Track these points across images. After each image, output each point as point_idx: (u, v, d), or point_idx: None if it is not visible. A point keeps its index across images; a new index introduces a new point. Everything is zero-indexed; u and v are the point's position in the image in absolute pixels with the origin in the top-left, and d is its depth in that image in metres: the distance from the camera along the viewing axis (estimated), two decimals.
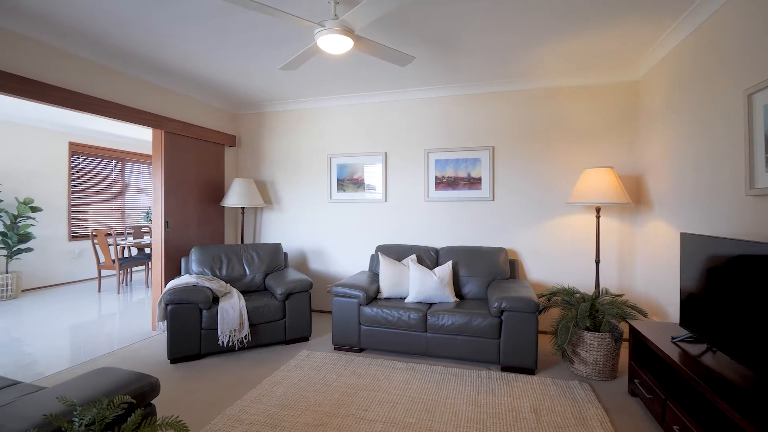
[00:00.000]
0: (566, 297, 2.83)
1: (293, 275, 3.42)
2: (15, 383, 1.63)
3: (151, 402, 1.44)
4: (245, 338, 2.99)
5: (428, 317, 2.86)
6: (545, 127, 3.53)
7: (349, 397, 2.32)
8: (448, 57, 3.01)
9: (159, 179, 3.62)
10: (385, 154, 4.02)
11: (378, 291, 3.24)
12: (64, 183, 5.86)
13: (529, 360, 2.63)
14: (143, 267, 6.95)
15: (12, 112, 4.89)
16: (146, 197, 7.32)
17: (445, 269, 3.19)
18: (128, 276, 6.03)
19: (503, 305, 2.66)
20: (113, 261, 5.24)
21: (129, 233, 6.67)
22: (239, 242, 4.56)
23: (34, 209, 5.06)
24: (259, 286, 3.58)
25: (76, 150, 6.06)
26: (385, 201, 4.03)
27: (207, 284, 3.07)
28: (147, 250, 6.13)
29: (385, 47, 2.27)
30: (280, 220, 4.43)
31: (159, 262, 3.61)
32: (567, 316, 2.64)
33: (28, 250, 5.01)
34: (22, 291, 5.27)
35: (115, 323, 3.90)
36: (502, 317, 2.69)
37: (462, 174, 3.77)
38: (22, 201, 5.07)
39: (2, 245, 5.02)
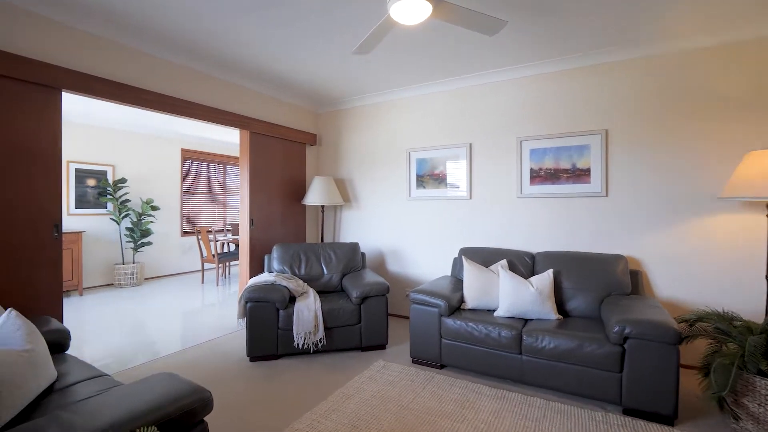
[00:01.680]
0: (721, 325, 2.10)
1: (370, 277, 3.22)
2: (98, 375, 1.67)
3: (203, 419, 1.32)
4: (320, 341, 2.88)
5: (524, 337, 2.39)
6: (680, 102, 2.73)
7: (427, 426, 2.00)
8: (546, 21, 2.48)
9: (245, 178, 3.74)
10: (470, 145, 3.59)
11: (462, 300, 2.85)
12: (177, 185, 6.62)
13: (665, 404, 2.00)
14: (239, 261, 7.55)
15: (137, 123, 5.65)
16: None
17: (544, 279, 2.65)
18: (227, 270, 6.57)
19: (627, 330, 2.07)
20: (213, 256, 5.71)
21: (228, 230, 7.29)
22: (319, 241, 4.56)
23: (154, 208, 5.77)
24: (336, 287, 3.47)
25: (187, 155, 6.80)
26: (470, 198, 3.60)
27: (284, 283, 3.04)
28: None
29: (470, 11, 1.88)
30: (357, 219, 4.31)
31: (245, 258, 3.73)
32: (725, 352, 1.94)
33: (149, 244, 5.73)
34: (144, 279, 6.08)
35: (209, 314, 4.18)
36: (626, 345, 2.10)
37: (564, 165, 3.15)
38: (144, 201, 5.82)
39: (129, 239, 5.84)
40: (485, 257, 3.13)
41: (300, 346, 2.83)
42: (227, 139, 6.81)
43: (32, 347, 1.46)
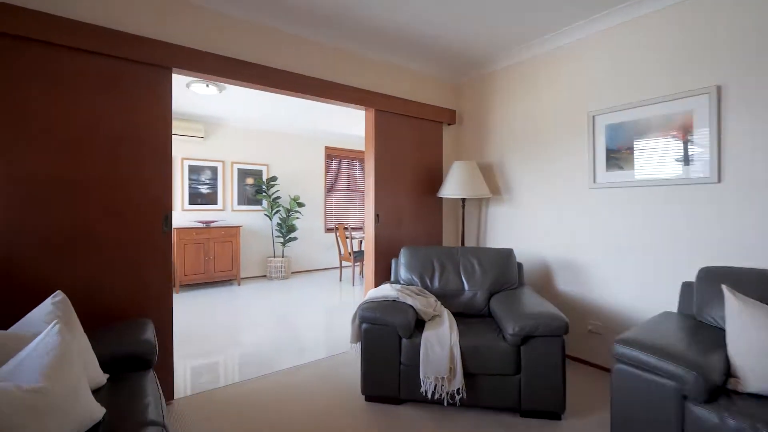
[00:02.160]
0: None
1: (532, 301, 2.15)
2: (149, 424, 1.20)
3: None
4: (457, 393, 1.99)
5: None
6: None
7: None
8: None
9: (370, 165, 3.15)
10: (717, 89, 2.09)
11: (727, 371, 1.50)
12: (321, 182, 6.73)
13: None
14: None
15: (287, 124, 5.89)
16: None
17: None
18: (363, 268, 6.33)
19: None
20: (349, 254, 5.48)
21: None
22: (459, 244, 3.66)
23: (300, 204, 5.92)
24: (481, 309, 2.51)
25: (330, 153, 6.87)
26: (717, 182, 2.10)
27: (409, 301, 2.26)
28: None
29: None
30: (509, 216, 3.21)
31: (370, 260, 3.15)
32: None
33: (294, 239, 5.91)
34: (292, 273, 6.35)
35: (338, 318, 3.79)
36: None
37: None
38: (292, 198, 6.04)
39: (279, 234, 6.15)
40: (764, 287, 1.66)
41: (429, 395, 2.00)
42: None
43: (46, 385, 1.06)
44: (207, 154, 5.56)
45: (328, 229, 6.83)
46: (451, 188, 3.15)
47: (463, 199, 3.40)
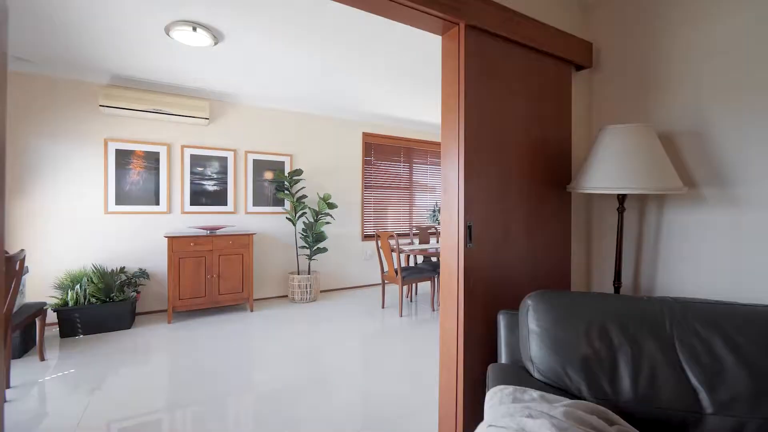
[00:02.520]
0: None
1: None
2: None
3: None
4: None
5: None
6: None
7: None
8: None
9: (452, 140, 1.70)
10: None
11: None
12: (358, 177, 5.36)
13: None
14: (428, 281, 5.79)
15: (315, 103, 4.58)
16: (432, 195, 6.21)
17: None
18: (414, 290, 4.88)
19: None
20: (396, 272, 4.06)
21: (415, 233, 5.65)
22: (612, 279, 2.11)
23: (331, 206, 4.59)
24: None
25: (368, 140, 5.48)
26: None
27: None
28: (434, 259, 4.79)
29: None
30: (728, 230, 1.63)
31: (451, 313, 1.69)
32: None
33: (324, 250, 4.57)
34: (320, 292, 5.02)
35: (386, 371, 2.37)
36: None
37: None
38: (321, 197, 4.72)
39: (304, 244, 4.85)
40: None
41: None
42: (413, 115, 5.13)
43: None
44: (214, 140, 4.35)
45: (367, 236, 5.45)
46: (602, 176, 1.63)
47: (622, 198, 1.85)
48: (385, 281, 4.27)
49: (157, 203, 4.04)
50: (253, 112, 4.57)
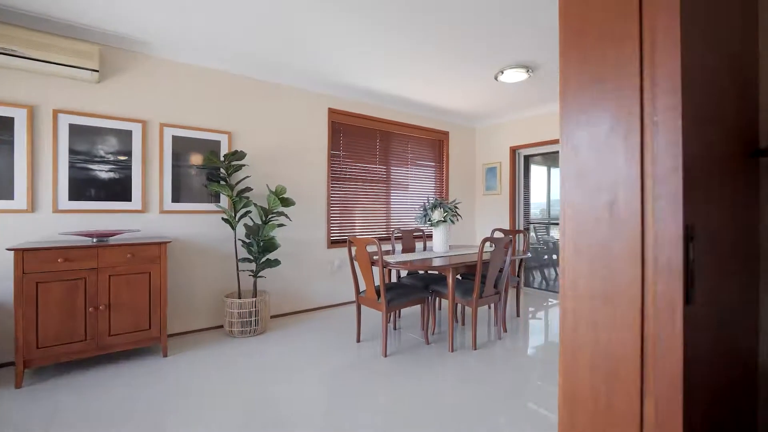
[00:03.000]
0: None
1: None
2: None
3: None
4: None
5: None
6: None
7: None
8: None
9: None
10: None
11: None
12: (323, 165, 4.16)
13: None
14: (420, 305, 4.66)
15: (264, 63, 3.33)
16: (418, 191, 5.13)
17: None
18: (397, 318, 3.74)
19: None
20: (377, 294, 2.90)
21: (397, 238, 4.53)
22: None
23: (286, 203, 3.36)
24: None
25: (337, 119, 4.30)
26: None
27: None
28: (422, 272, 3.68)
29: None
30: None
31: None
32: None
33: (275, 262, 3.33)
34: (271, 318, 3.76)
35: None
36: None
37: None
38: (273, 190, 3.47)
39: (248, 256, 3.57)
40: None
41: None
42: (394, 89, 4.02)
43: None
44: (110, 106, 2.98)
45: (334, 243, 4.26)
46: None
47: None
48: (362, 304, 3.11)
49: (10, 197, 2.62)
50: (175, 69, 3.25)
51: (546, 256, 5.36)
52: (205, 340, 3.14)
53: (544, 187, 5.33)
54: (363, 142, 4.54)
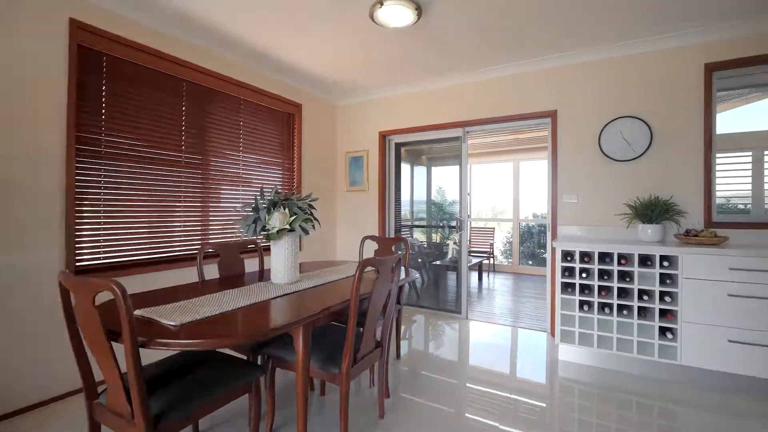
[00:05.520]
0: None
1: None
2: None
3: None
4: None
5: None
6: None
7: None
8: None
9: None
10: None
11: None
12: (58, 124, 2.18)
13: None
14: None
15: None
16: (251, 180, 3.51)
17: None
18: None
19: None
20: (128, 399, 1.28)
21: (212, 256, 2.90)
22: None
23: None
24: None
25: (93, 44, 2.36)
26: None
27: None
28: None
29: None
30: None
31: None
32: None
33: None
34: None
35: None
36: None
37: None
38: None
39: None
40: None
41: None
42: (219, 17, 2.38)
43: None
44: None
45: (86, 269, 2.31)
46: None
47: None
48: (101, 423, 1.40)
49: None
50: None
51: (412, 262, 4.54)
52: None
53: (407, 181, 4.49)
54: (155, 100, 2.70)
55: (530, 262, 7.04)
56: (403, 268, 2.68)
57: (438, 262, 4.45)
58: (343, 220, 4.51)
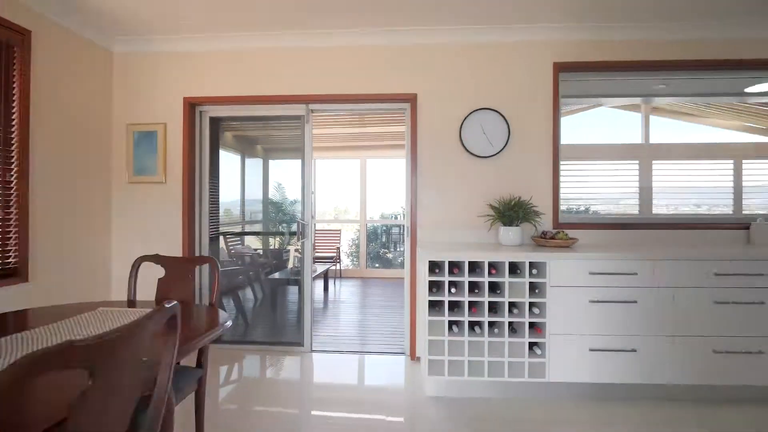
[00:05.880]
0: None
1: None
2: None
3: None
4: None
5: None
6: None
7: None
8: None
9: None
10: None
11: None
12: None
13: None
14: None
15: None
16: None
17: None
18: None
19: None
20: None
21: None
22: None
23: None
24: None
25: None
26: None
27: None
28: None
29: None
30: None
31: None
32: None
33: None
34: None
35: None
36: None
37: None
38: None
39: None
40: None
41: None
42: None
43: None
44: None
45: None
46: None
47: None
48: None
49: None
50: None
51: (241, 277, 3.44)
52: None
53: (237, 174, 3.38)
54: None
55: (377, 265, 6.75)
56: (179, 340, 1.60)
57: (277, 275, 3.48)
58: (123, 226, 2.97)
